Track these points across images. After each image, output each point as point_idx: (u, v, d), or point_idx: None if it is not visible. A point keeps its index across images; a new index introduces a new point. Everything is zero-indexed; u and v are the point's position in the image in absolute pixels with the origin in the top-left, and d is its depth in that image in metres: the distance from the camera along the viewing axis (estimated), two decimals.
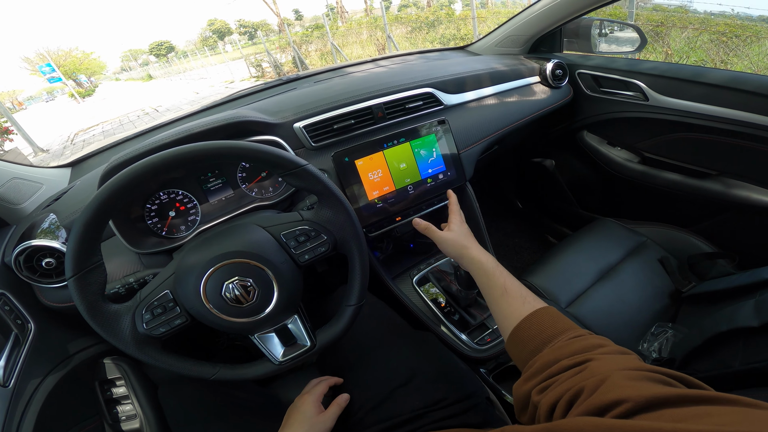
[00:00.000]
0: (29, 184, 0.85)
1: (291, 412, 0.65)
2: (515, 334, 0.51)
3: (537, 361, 0.44)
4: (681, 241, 1.10)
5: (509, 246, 1.79)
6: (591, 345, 0.42)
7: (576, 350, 0.42)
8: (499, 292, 0.57)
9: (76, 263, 0.50)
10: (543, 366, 0.43)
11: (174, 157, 0.50)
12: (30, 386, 0.66)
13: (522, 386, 0.44)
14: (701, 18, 4.79)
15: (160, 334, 0.56)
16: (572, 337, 0.45)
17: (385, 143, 0.87)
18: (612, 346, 0.42)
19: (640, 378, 0.33)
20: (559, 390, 0.37)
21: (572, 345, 0.43)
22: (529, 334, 0.49)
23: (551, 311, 0.51)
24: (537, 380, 0.42)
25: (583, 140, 1.39)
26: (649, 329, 0.90)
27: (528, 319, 0.51)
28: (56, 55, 37.67)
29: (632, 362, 0.37)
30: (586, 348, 0.42)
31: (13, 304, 0.69)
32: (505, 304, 0.55)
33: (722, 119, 1.00)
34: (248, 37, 49.51)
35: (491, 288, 0.59)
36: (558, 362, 0.41)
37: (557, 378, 0.39)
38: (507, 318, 0.54)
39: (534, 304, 0.53)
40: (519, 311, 0.52)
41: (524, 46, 1.41)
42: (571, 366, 0.39)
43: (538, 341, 0.48)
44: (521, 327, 0.51)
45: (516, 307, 0.53)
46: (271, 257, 0.58)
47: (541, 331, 0.48)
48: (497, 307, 0.57)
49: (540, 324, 0.49)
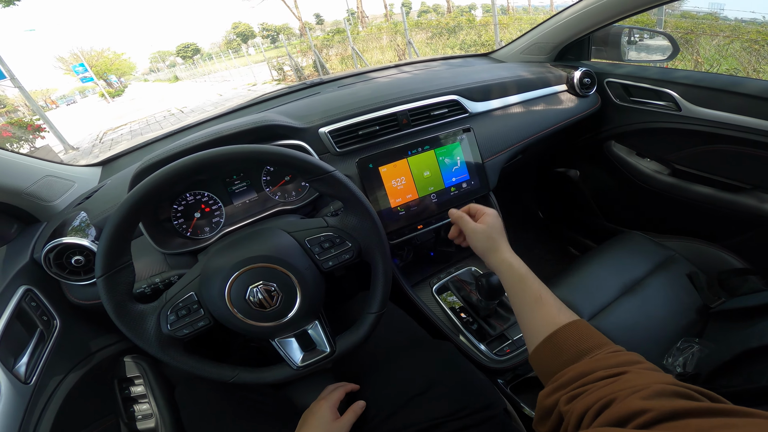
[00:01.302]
0: (61, 182, 0.87)
1: (307, 416, 0.65)
2: (547, 342, 0.50)
3: (569, 371, 0.43)
4: (710, 257, 1.06)
5: (529, 257, 1.73)
6: (628, 360, 0.42)
7: (613, 364, 0.41)
8: (532, 298, 0.55)
9: (107, 263, 0.51)
10: (576, 376, 0.42)
11: (206, 159, 0.51)
12: (52, 383, 0.67)
13: (550, 396, 0.43)
14: (732, 25, 4.64)
15: (183, 335, 0.56)
16: (610, 351, 0.45)
17: (410, 150, 0.86)
18: (648, 363, 0.42)
19: (670, 393, 0.33)
20: (591, 398, 0.37)
21: (611, 359, 0.43)
22: (565, 344, 0.48)
23: (587, 324, 0.50)
24: (567, 390, 0.41)
25: (610, 151, 1.36)
26: (675, 344, 0.87)
27: (565, 328, 0.49)
28: (89, 55, 39.11)
29: (667, 378, 0.37)
30: (623, 363, 0.41)
31: (40, 300, 0.71)
32: (539, 311, 0.54)
33: (758, 131, 0.96)
34: (271, 40, 50.50)
35: (524, 293, 0.57)
36: (594, 372, 0.41)
37: (590, 387, 0.39)
38: (538, 327, 0.52)
39: (570, 316, 0.51)
40: (555, 320, 0.51)
41: (551, 54, 1.39)
42: (606, 377, 0.39)
43: (574, 352, 0.46)
44: (556, 336, 0.49)
45: (552, 315, 0.52)
46: (295, 263, 0.58)
47: (580, 341, 0.47)
48: (529, 314, 0.55)
49: (578, 335, 0.48)
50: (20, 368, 0.62)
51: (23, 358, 0.63)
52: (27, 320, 0.67)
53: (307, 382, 0.82)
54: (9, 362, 0.61)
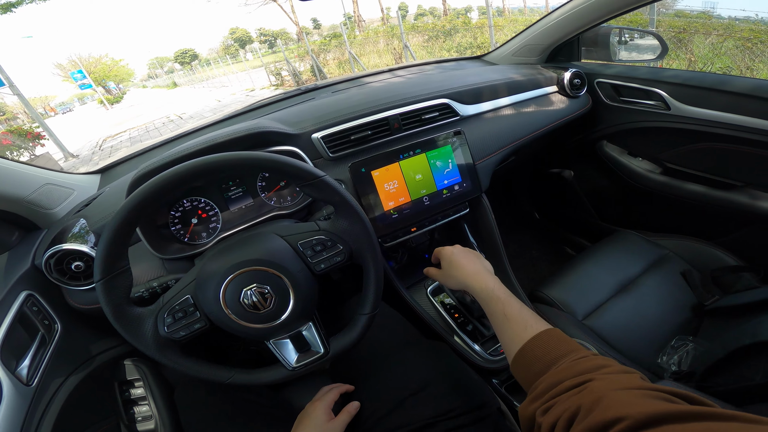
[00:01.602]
0: (61, 190, 0.88)
1: (302, 418, 0.66)
2: (518, 358, 0.52)
3: (541, 382, 0.44)
4: (704, 254, 1.07)
5: (526, 258, 1.77)
6: (594, 366, 0.42)
7: (579, 371, 0.42)
8: (499, 318, 0.58)
9: (105, 267, 0.52)
10: (547, 387, 0.43)
11: (199, 166, 0.52)
12: (53, 386, 0.68)
13: (527, 408, 0.44)
14: (725, 24, 4.66)
15: (180, 337, 0.57)
16: (577, 358, 0.45)
17: (402, 154, 0.88)
18: (616, 366, 0.42)
19: (640, 395, 0.32)
20: (558, 410, 0.37)
21: (575, 366, 0.43)
22: (533, 357, 0.49)
23: (555, 333, 0.51)
24: (541, 401, 0.42)
25: (602, 150, 1.37)
26: (670, 342, 0.88)
27: (530, 343, 0.51)
28: (87, 61, 39.11)
29: (634, 381, 0.37)
30: (589, 369, 0.42)
31: (41, 305, 0.72)
32: (506, 329, 0.56)
33: (748, 129, 0.97)
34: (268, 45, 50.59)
35: (492, 314, 0.60)
36: (561, 383, 0.41)
37: (558, 399, 0.40)
38: (509, 343, 0.54)
39: (536, 327, 0.53)
40: (520, 336, 0.52)
41: (541, 55, 1.40)
42: (573, 387, 0.40)
43: (542, 364, 0.48)
44: (525, 350, 0.51)
45: (517, 332, 0.54)
46: (288, 266, 0.59)
47: (546, 353, 0.49)
48: (499, 332, 0.58)
49: (543, 347, 0.50)
50: (22, 370, 0.63)
51: (25, 361, 0.64)
52: (29, 324, 0.68)
53: (302, 384, 0.83)
54: (11, 365, 0.62)
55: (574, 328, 0.88)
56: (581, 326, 0.92)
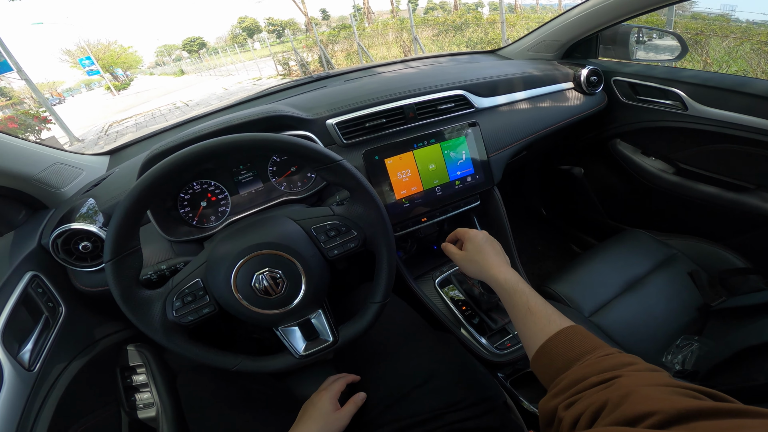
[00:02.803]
0: (70, 170, 0.88)
1: (307, 407, 0.65)
2: (542, 352, 0.51)
3: (565, 378, 0.44)
4: (712, 256, 1.06)
5: (531, 253, 1.76)
6: (621, 363, 0.42)
7: (605, 368, 0.41)
8: (522, 311, 0.56)
9: (116, 247, 0.51)
10: (571, 383, 0.42)
11: (215, 147, 0.51)
12: (55, 371, 0.67)
13: (549, 402, 0.43)
14: (743, 27, 4.60)
15: (188, 322, 0.57)
16: (602, 355, 0.45)
17: (415, 143, 0.87)
18: (642, 364, 0.41)
19: (669, 392, 0.32)
20: (583, 403, 0.36)
21: (602, 363, 0.43)
22: (557, 352, 0.49)
23: (579, 330, 0.51)
24: (564, 396, 0.41)
25: (615, 149, 1.35)
26: (675, 341, 0.88)
27: (555, 337, 0.50)
28: (96, 48, 39.09)
29: (661, 378, 0.36)
30: (615, 366, 0.41)
31: (46, 287, 0.71)
32: (530, 323, 0.55)
33: (765, 131, 0.95)
34: (276, 35, 50.45)
35: (515, 306, 0.58)
36: (586, 379, 0.41)
37: (584, 394, 0.39)
38: (532, 337, 0.53)
39: (560, 323, 0.52)
40: (545, 330, 0.51)
41: (558, 52, 1.39)
42: (600, 382, 0.39)
43: (566, 359, 0.47)
44: (548, 345, 0.50)
45: (541, 326, 0.53)
46: (301, 250, 0.58)
47: (570, 348, 0.48)
48: (522, 326, 0.56)
49: (568, 342, 0.49)
50: (24, 355, 0.62)
51: (28, 345, 0.63)
52: (33, 306, 0.67)
53: (308, 373, 0.83)
54: (13, 348, 0.61)
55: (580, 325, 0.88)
56: (588, 323, 0.92)
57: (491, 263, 0.66)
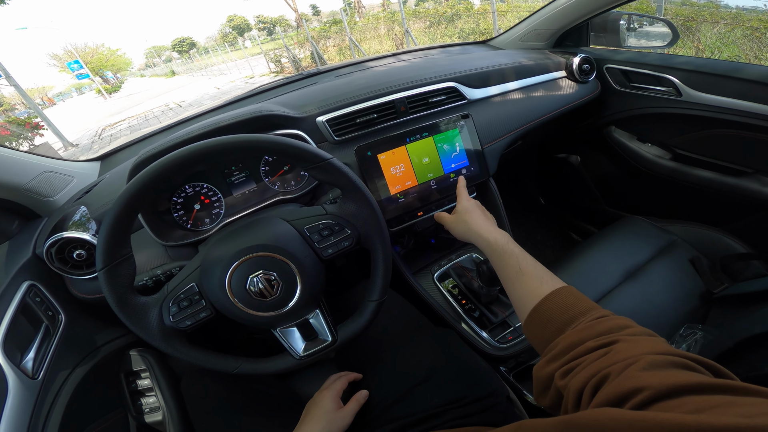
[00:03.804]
0: (61, 177, 0.87)
1: (310, 407, 0.65)
2: (534, 314, 0.49)
3: (560, 342, 0.43)
4: (713, 241, 1.05)
5: (531, 243, 1.76)
6: (616, 326, 0.40)
7: (601, 331, 0.40)
8: (513, 271, 0.55)
9: (107, 255, 0.51)
10: (567, 347, 0.41)
11: (202, 150, 0.50)
12: (59, 378, 0.67)
13: (544, 368, 0.42)
14: (733, 13, 4.59)
15: (185, 326, 0.56)
16: (596, 317, 0.43)
17: (408, 137, 0.86)
18: (637, 327, 0.40)
19: (665, 364, 0.31)
20: (585, 374, 0.36)
21: (597, 326, 0.41)
22: (550, 315, 0.47)
23: (572, 291, 0.49)
24: (560, 362, 0.40)
25: (611, 136, 1.35)
26: (678, 331, 0.87)
27: (548, 298, 0.49)
28: (83, 51, 38.77)
29: (659, 345, 0.35)
30: (611, 329, 0.40)
31: (44, 296, 0.71)
32: (520, 284, 0.53)
33: (761, 116, 0.95)
34: (267, 32, 50.06)
35: (505, 267, 0.57)
36: (583, 343, 0.40)
37: (582, 360, 0.38)
38: (523, 299, 0.52)
39: (553, 284, 0.50)
40: (537, 291, 0.50)
41: (549, 41, 1.38)
42: (597, 347, 0.38)
43: (560, 322, 0.46)
44: (541, 307, 0.49)
45: (534, 287, 0.51)
46: (295, 251, 0.58)
47: (564, 311, 0.46)
48: (512, 288, 0.55)
49: (561, 304, 0.47)
50: (27, 363, 0.62)
51: (30, 354, 0.63)
52: (32, 315, 0.67)
53: (310, 373, 0.82)
54: (16, 357, 0.61)
55: None
56: None
57: (479, 224, 0.67)
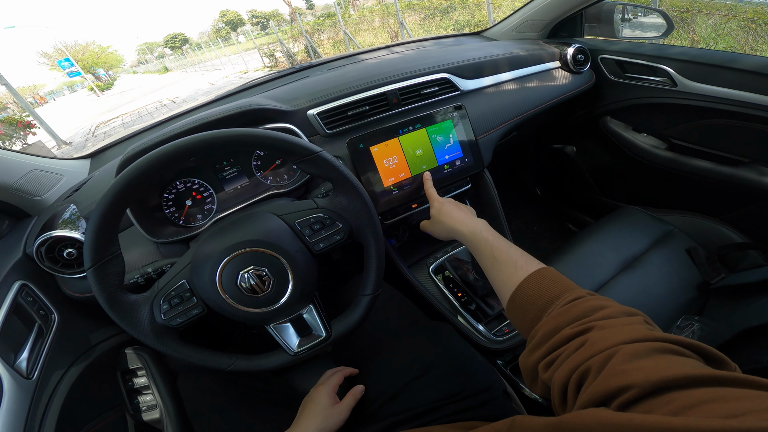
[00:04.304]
0: (49, 176, 0.86)
1: (306, 402, 0.65)
2: (512, 303, 0.49)
3: (538, 330, 0.42)
4: (710, 231, 1.05)
5: (527, 234, 1.77)
6: (591, 308, 0.40)
7: (575, 315, 0.39)
8: (489, 261, 0.55)
9: (94, 254, 0.50)
10: (545, 336, 0.40)
11: (188, 145, 0.49)
12: (54, 378, 0.66)
13: (528, 358, 0.42)
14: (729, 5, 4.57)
15: (177, 324, 0.56)
16: (570, 300, 0.43)
17: (401, 129, 0.85)
18: (615, 307, 0.39)
19: (648, 352, 0.30)
20: (566, 369, 0.35)
21: (571, 310, 0.41)
22: (527, 301, 0.47)
23: (547, 273, 0.49)
24: (541, 352, 0.40)
25: (606, 126, 1.34)
26: (675, 322, 0.87)
27: (523, 285, 0.48)
28: (74, 49, 38.36)
29: (638, 331, 0.34)
30: (585, 312, 0.39)
31: (36, 295, 0.70)
32: (497, 272, 0.53)
33: (756, 106, 0.94)
34: (260, 27, 49.64)
35: (481, 257, 0.58)
36: (559, 331, 0.39)
37: (561, 351, 0.37)
38: (502, 287, 0.52)
39: (527, 269, 0.50)
40: (513, 278, 0.50)
41: (543, 31, 1.37)
42: (573, 336, 0.37)
43: (536, 308, 0.45)
44: (517, 295, 0.48)
45: (509, 274, 0.51)
46: (285, 246, 0.57)
47: (539, 296, 0.46)
48: (491, 277, 0.55)
49: (536, 288, 0.47)
50: (21, 363, 0.62)
51: (23, 354, 0.63)
52: (24, 315, 0.67)
53: (306, 368, 0.82)
54: (9, 358, 0.61)
55: None
56: None
57: (454, 218, 0.67)
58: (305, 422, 0.60)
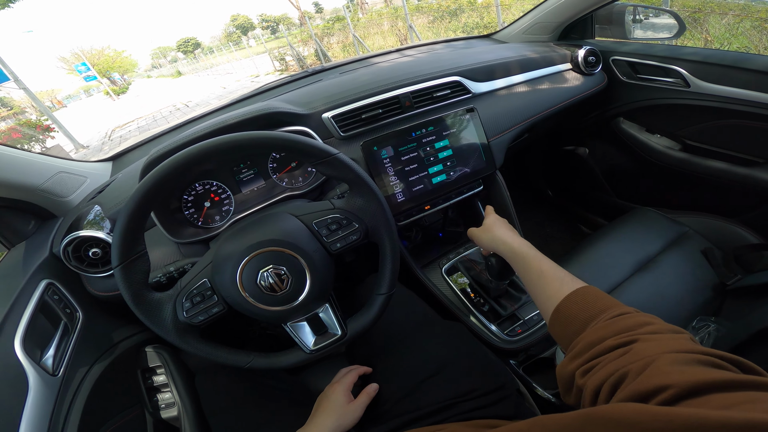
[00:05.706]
0: (74, 178, 0.89)
1: (321, 400, 0.66)
2: (556, 315, 0.50)
3: (580, 341, 0.43)
4: (725, 232, 1.04)
5: (540, 236, 1.76)
6: (637, 323, 0.40)
7: (621, 329, 0.40)
8: (535, 275, 0.56)
9: (122, 253, 0.52)
10: (587, 346, 0.41)
11: (212, 147, 0.51)
12: (78, 375, 0.68)
13: (566, 367, 0.42)
14: (741, 5, 4.48)
15: (198, 322, 0.57)
16: (616, 315, 0.43)
17: (414, 132, 0.86)
18: (661, 324, 0.40)
19: (688, 361, 0.30)
20: (603, 373, 0.35)
21: (617, 324, 0.41)
22: (571, 314, 0.48)
23: (592, 290, 0.50)
24: (580, 361, 0.40)
25: (619, 127, 1.34)
26: (690, 323, 0.86)
27: (568, 298, 0.49)
28: (90, 54, 39.12)
29: (682, 343, 0.34)
30: (631, 327, 0.40)
31: (62, 294, 0.72)
32: (543, 286, 0.54)
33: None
34: (271, 31, 50.09)
35: (527, 272, 0.59)
36: (603, 342, 0.39)
37: (602, 359, 0.38)
38: (546, 301, 0.53)
39: (572, 285, 0.51)
40: (558, 293, 0.51)
41: (553, 33, 1.37)
42: (616, 346, 0.38)
43: (581, 321, 0.46)
44: (561, 307, 0.49)
45: (555, 289, 0.52)
46: (303, 246, 0.59)
47: (583, 309, 0.47)
48: (535, 290, 0.56)
49: (582, 303, 0.48)
50: (47, 360, 0.63)
51: (50, 351, 0.64)
52: (51, 313, 0.68)
53: (320, 367, 0.83)
54: (36, 355, 0.62)
55: None
56: None
57: (503, 233, 0.70)
58: (320, 420, 0.61)
